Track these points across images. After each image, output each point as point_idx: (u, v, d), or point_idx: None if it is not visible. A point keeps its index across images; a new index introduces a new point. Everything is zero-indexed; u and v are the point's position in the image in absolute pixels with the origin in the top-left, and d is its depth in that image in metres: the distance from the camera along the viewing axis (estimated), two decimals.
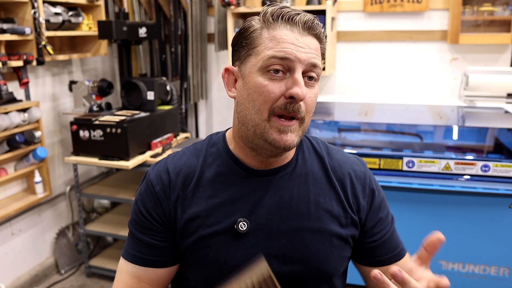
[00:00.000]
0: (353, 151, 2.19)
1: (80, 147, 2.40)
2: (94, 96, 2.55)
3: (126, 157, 2.33)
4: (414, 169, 2.04)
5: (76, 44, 2.78)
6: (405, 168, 2.05)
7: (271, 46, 0.81)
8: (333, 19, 2.66)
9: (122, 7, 2.74)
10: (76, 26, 2.59)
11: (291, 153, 0.93)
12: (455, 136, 2.44)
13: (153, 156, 2.44)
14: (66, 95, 2.76)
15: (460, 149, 2.39)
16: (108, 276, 2.66)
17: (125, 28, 2.45)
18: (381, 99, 2.75)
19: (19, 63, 2.16)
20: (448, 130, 2.46)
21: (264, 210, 0.88)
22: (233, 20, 2.70)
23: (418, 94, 2.80)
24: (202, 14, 2.97)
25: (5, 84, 2.16)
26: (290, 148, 0.84)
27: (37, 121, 2.37)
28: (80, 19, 2.57)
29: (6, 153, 2.25)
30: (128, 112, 2.48)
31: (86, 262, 2.68)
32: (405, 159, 2.04)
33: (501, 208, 1.97)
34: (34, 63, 2.22)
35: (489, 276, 2.05)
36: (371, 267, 0.98)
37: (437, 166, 2.01)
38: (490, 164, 1.96)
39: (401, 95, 2.83)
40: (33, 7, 2.18)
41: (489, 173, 1.96)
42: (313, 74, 0.82)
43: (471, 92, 2.57)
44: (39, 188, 2.46)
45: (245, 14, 2.78)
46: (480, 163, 1.97)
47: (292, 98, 0.79)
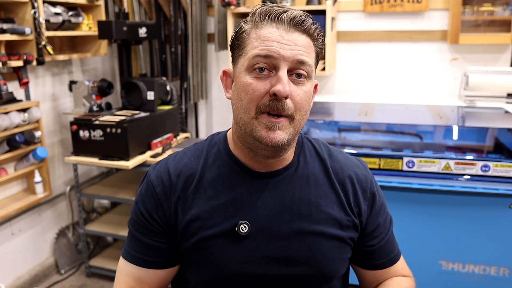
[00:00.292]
0: (353, 151, 2.19)
1: (80, 147, 2.40)
2: (94, 96, 2.54)
3: (126, 157, 2.33)
4: (414, 169, 2.04)
5: (76, 44, 2.78)
6: (405, 168, 2.04)
7: (256, 45, 0.81)
8: (333, 19, 2.66)
9: (122, 7, 2.74)
10: (76, 26, 2.59)
11: (292, 155, 0.93)
12: (455, 136, 2.43)
13: (153, 156, 2.44)
14: (66, 95, 2.76)
15: (460, 149, 2.38)
16: (108, 276, 2.66)
17: (125, 28, 2.45)
18: (381, 99, 2.75)
19: (19, 63, 2.16)
20: (448, 130, 2.46)
21: (265, 212, 0.88)
22: (233, 20, 2.70)
23: (418, 94, 2.80)
24: (202, 14, 2.97)
25: (5, 84, 2.16)
26: (280, 146, 0.82)
27: (37, 121, 2.37)
28: (80, 19, 2.57)
29: (6, 153, 2.25)
30: (128, 112, 2.48)
31: (86, 262, 2.68)
32: (405, 159, 2.04)
33: (501, 208, 1.97)
34: (34, 63, 2.22)
35: (489, 276, 2.05)
36: (368, 270, 0.99)
37: (437, 166, 2.01)
38: (490, 164, 1.95)
39: (401, 95, 2.83)
40: (33, 7, 2.18)
41: (489, 173, 1.96)
42: (301, 71, 0.81)
43: (471, 92, 2.57)
44: (39, 188, 2.46)
45: (245, 14, 2.77)
46: (480, 163, 1.97)
47: (276, 96, 0.79)
